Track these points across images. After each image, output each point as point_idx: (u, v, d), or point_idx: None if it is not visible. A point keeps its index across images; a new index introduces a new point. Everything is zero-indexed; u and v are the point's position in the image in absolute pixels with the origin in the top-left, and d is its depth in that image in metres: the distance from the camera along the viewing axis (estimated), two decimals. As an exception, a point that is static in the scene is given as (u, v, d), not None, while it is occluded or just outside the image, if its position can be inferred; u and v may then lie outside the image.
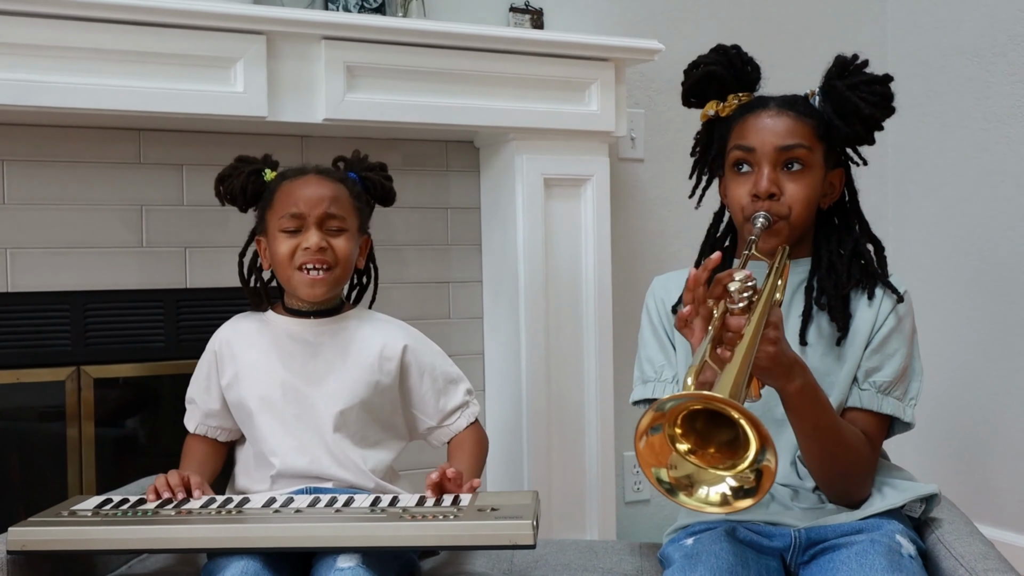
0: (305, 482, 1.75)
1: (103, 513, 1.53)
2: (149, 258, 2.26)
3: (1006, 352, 2.80)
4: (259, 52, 2.10)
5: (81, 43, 1.97)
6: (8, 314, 2.15)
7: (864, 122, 1.63)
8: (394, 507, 1.55)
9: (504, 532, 1.46)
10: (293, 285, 1.81)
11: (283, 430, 1.77)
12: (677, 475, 1.25)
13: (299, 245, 1.77)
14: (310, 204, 1.78)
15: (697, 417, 1.25)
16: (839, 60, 1.66)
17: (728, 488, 1.24)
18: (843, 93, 1.62)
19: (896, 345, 1.61)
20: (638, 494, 2.82)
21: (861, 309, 1.62)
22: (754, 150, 1.62)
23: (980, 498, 2.84)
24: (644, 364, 1.73)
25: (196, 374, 1.89)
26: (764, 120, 1.63)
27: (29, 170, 2.16)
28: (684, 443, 1.25)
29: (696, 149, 1.81)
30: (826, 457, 1.52)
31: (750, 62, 1.74)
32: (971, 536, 1.50)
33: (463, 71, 2.31)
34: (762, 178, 1.59)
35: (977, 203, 2.88)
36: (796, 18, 3.01)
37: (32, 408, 2.23)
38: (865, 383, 1.60)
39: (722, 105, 1.72)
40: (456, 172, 2.56)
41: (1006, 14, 2.78)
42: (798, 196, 1.60)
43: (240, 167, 1.87)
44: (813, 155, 1.62)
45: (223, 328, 1.89)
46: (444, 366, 1.92)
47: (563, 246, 2.48)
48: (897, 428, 1.64)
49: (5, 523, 1.50)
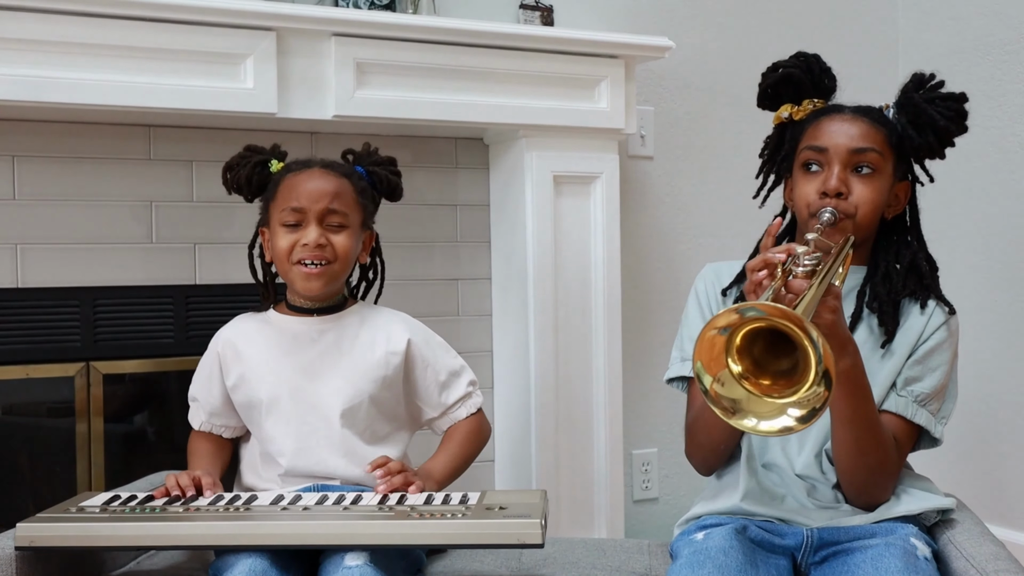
0: (312, 481, 1.75)
1: (111, 509, 1.53)
2: (158, 254, 2.26)
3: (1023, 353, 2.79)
4: (269, 48, 2.10)
5: (91, 39, 1.97)
6: (18, 310, 2.15)
7: (938, 134, 1.67)
8: (402, 505, 1.55)
9: (512, 531, 1.46)
10: (291, 279, 1.80)
11: (290, 429, 1.77)
12: (721, 392, 1.28)
13: (298, 241, 1.76)
14: (312, 199, 1.77)
15: (755, 344, 1.28)
16: (916, 76, 1.71)
17: (793, 418, 1.25)
18: (920, 105, 1.66)
19: (939, 360, 1.63)
20: (647, 492, 2.82)
21: (911, 318, 1.64)
22: (826, 150, 1.64)
23: (995, 499, 2.83)
24: (686, 342, 1.74)
25: (198, 373, 1.88)
26: (839, 123, 1.65)
27: (39, 166, 2.16)
28: (739, 364, 1.28)
29: (764, 151, 1.83)
30: (857, 448, 1.53)
31: (827, 71, 1.77)
32: (982, 537, 1.50)
33: (473, 68, 2.31)
34: (832, 176, 1.62)
35: (991, 202, 2.87)
36: (808, 16, 3.00)
37: (42, 403, 2.24)
38: (903, 390, 1.61)
39: (796, 108, 1.75)
40: (465, 169, 2.56)
41: (1017, 12, 2.77)
42: (866, 197, 1.62)
43: (247, 157, 1.86)
44: (884, 161, 1.64)
45: (225, 329, 1.88)
46: (447, 359, 1.91)
47: (572, 243, 2.48)
48: (924, 443, 1.65)
49: (14, 517, 1.50)
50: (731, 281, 1.74)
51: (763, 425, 1.27)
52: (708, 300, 1.75)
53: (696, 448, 1.70)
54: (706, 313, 1.74)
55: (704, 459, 1.70)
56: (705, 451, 1.68)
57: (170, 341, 2.27)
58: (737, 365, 1.28)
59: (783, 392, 1.26)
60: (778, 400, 1.26)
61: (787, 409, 1.25)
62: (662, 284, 2.80)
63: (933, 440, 1.64)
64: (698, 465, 1.72)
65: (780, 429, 1.26)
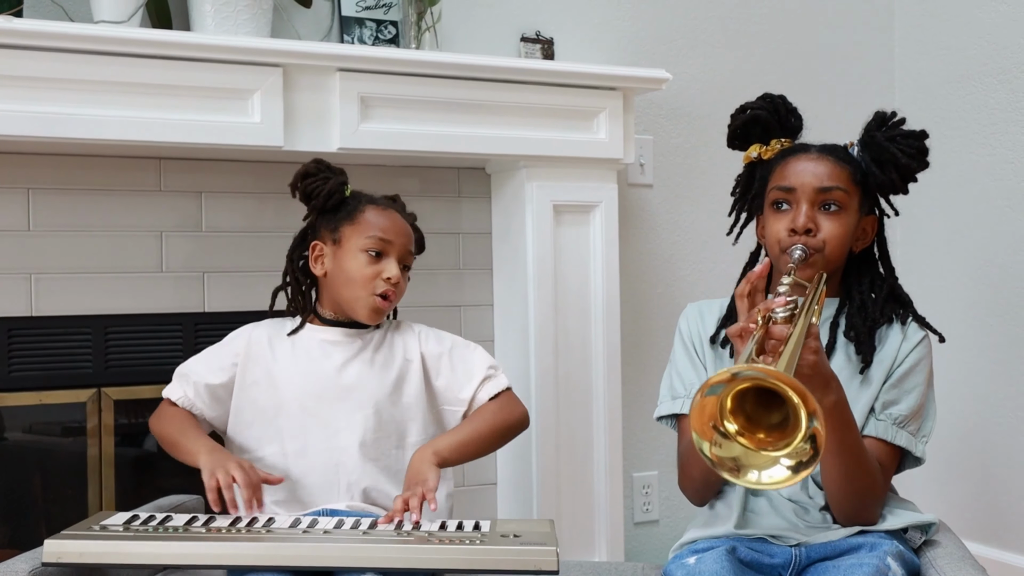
0: (332, 490, 1.80)
1: (134, 528, 1.57)
2: (168, 283, 2.31)
3: (1015, 375, 2.83)
4: (276, 84, 2.15)
5: (104, 77, 2.02)
6: (32, 337, 2.20)
7: (900, 171, 1.73)
8: (419, 530, 1.59)
9: (530, 557, 1.51)
10: (356, 305, 1.87)
11: (315, 431, 1.83)
12: (721, 454, 1.32)
13: (380, 272, 1.85)
14: (399, 235, 1.89)
15: (745, 399, 1.32)
16: (878, 115, 1.76)
17: (786, 468, 1.29)
18: (881, 143, 1.72)
19: (915, 382, 1.68)
20: (647, 514, 2.85)
21: (886, 343, 1.70)
22: (794, 190, 1.70)
23: (988, 520, 2.86)
24: (675, 380, 1.80)
25: (205, 354, 1.92)
26: (805, 163, 1.72)
27: (53, 198, 2.21)
28: (734, 423, 1.32)
29: (736, 189, 1.89)
30: (845, 476, 1.58)
31: (794, 111, 1.83)
32: (963, 560, 1.54)
33: (474, 101, 2.35)
34: (800, 214, 1.68)
35: (984, 228, 2.90)
36: (804, 46, 3.04)
37: (55, 428, 2.28)
38: (882, 414, 1.66)
39: (765, 148, 1.81)
40: (468, 198, 2.61)
41: (1010, 41, 2.82)
42: (833, 233, 1.68)
43: (326, 172, 1.91)
44: (849, 199, 1.71)
45: (257, 327, 1.93)
46: (459, 348, 1.97)
47: (572, 270, 2.53)
48: (908, 463, 1.70)
49: (28, 538, 1.54)
50: (717, 327, 1.79)
51: (764, 477, 1.31)
52: (692, 339, 1.81)
53: (689, 481, 1.75)
54: (691, 352, 1.80)
55: (696, 491, 1.75)
56: (698, 484, 1.73)
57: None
58: (732, 424, 1.32)
59: (776, 445, 1.31)
60: (772, 453, 1.31)
61: (779, 460, 1.30)
62: (661, 309, 2.84)
63: (916, 460, 1.68)
64: (691, 496, 1.77)
65: (781, 480, 1.30)
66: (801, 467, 1.28)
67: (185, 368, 1.91)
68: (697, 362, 1.79)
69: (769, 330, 1.44)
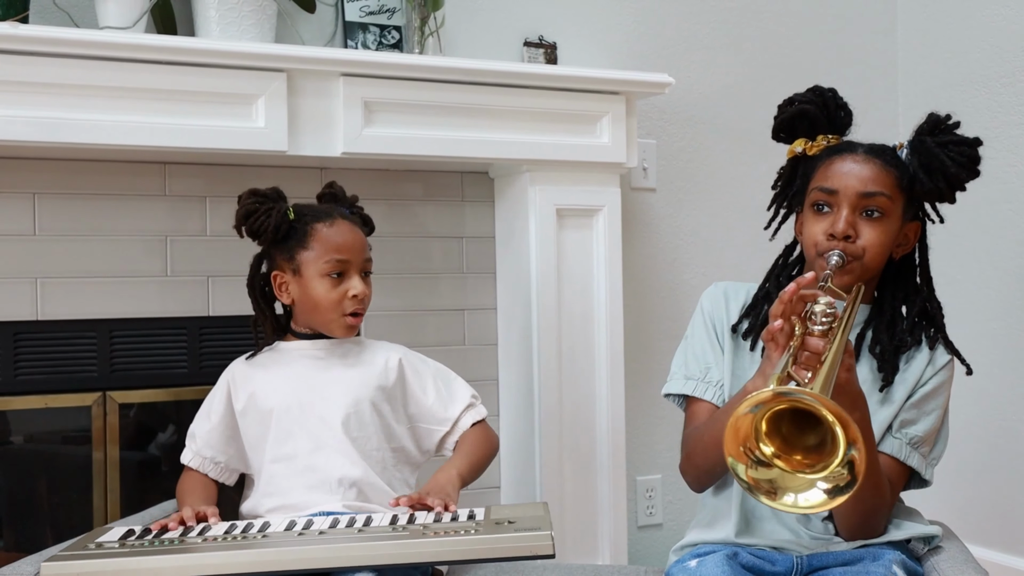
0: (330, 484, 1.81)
1: (130, 544, 1.56)
2: (173, 287, 2.32)
3: (1017, 376, 2.82)
4: (280, 89, 2.16)
5: (109, 82, 2.03)
6: (37, 341, 2.21)
7: (948, 180, 1.65)
8: (414, 524, 1.59)
9: (525, 543, 1.51)
10: (331, 326, 1.89)
11: (302, 432, 1.84)
12: (757, 476, 1.29)
13: (346, 292, 1.85)
14: (354, 251, 1.88)
15: (782, 419, 1.29)
16: (931, 117, 1.68)
17: (822, 491, 1.27)
18: (932, 149, 1.64)
19: (935, 404, 1.65)
20: (651, 518, 2.85)
21: (913, 362, 1.65)
22: (836, 192, 1.63)
23: (992, 523, 2.86)
24: (689, 359, 1.75)
25: (200, 410, 1.94)
26: (850, 164, 1.64)
27: (58, 202, 2.22)
28: (770, 444, 1.30)
29: (777, 183, 1.82)
30: (857, 495, 1.55)
31: (844, 107, 1.76)
32: (966, 564, 1.54)
33: (478, 105, 2.36)
34: (840, 219, 1.61)
35: (987, 231, 2.90)
36: (807, 50, 3.05)
37: (60, 432, 2.29)
38: (898, 432, 1.63)
39: (810, 144, 1.73)
40: (471, 202, 2.62)
41: (1013, 46, 2.82)
42: (873, 240, 1.62)
43: (264, 203, 1.88)
44: (893, 205, 1.64)
45: (234, 363, 1.96)
46: (442, 370, 2.00)
47: (576, 274, 2.53)
48: (913, 484, 1.68)
49: (32, 542, 1.55)
50: (740, 314, 1.74)
51: (801, 500, 1.28)
52: (713, 321, 1.76)
53: (691, 467, 1.72)
54: (711, 333, 1.75)
55: (697, 478, 1.73)
56: (700, 471, 1.71)
57: (184, 371, 2.32)
58: (768, 446, 1.29)
59: (814, 467, 1.28)
60: (809, 476, 1.28)
61: (816, 483, 1.27)
62: (664, 313, 2.85)
63: (923, 481, 1.66)
64: (691, 482, 1.75)
65: (817, 504, 1.28)
66: (838, 492, 1.26)
67: (191, 428, 1.94)
68: (716, 344, 1.74)
69: (805, 342, 1.40)
